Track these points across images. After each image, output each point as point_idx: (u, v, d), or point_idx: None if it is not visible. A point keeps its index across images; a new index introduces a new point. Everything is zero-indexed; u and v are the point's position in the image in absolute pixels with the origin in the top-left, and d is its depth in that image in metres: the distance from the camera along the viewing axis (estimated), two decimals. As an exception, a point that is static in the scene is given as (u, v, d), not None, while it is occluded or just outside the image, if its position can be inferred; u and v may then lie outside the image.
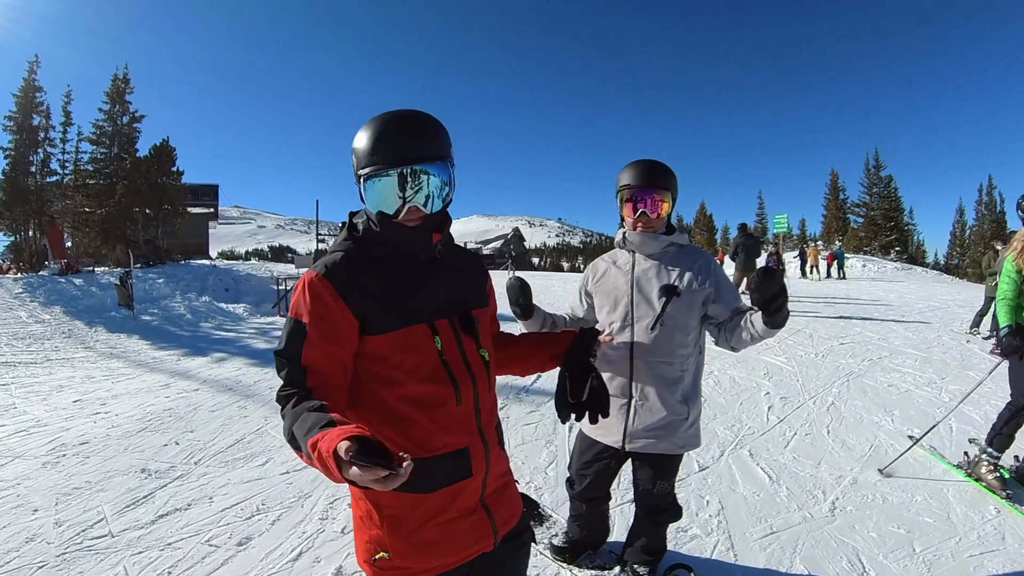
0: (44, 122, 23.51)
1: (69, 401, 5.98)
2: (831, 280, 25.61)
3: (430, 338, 1.39)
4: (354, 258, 1.40)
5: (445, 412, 1.40)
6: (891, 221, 42.80)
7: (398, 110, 1.41)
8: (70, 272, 16.96)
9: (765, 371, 6.85)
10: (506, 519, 1.56)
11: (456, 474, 1.42)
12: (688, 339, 2.34)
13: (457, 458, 1.42)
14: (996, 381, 6.67)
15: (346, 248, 1.42)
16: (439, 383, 1.39)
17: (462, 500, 1.44)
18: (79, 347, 9.25)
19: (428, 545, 1.40)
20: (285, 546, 3.02)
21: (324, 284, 1.33)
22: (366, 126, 1.38)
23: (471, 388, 1.45)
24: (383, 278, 1.39)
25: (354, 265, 1.38)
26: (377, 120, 1.38)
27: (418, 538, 1.38)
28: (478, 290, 1.61)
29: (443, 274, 1.48)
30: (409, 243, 1.42)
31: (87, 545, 3.06)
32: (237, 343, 9.88)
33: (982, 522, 3.29)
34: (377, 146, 1.35)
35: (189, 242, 29.80)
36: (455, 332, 1.45)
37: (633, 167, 2.37)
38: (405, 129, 1.37)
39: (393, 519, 1.38)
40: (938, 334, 10.02)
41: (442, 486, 1.40)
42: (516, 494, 1.66)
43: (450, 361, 1.42)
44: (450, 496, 1.42)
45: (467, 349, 1.47)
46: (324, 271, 1.35)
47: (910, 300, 16.12)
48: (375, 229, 1.42)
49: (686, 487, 3.63)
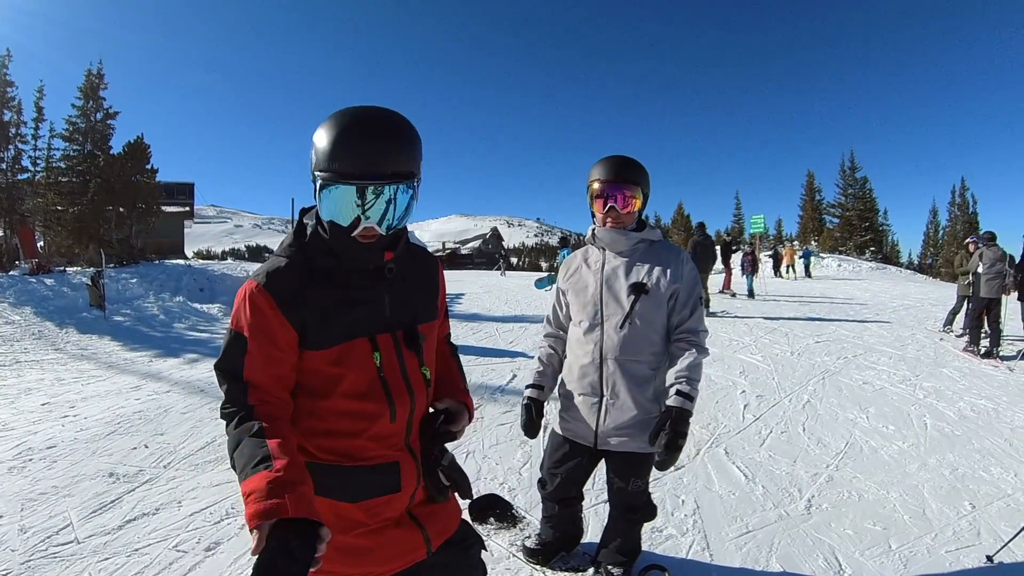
0: (15, 118, 22.89)
1: (37, 404, 5.84)
2: (795, 279, 25.93)
3: (369, 354, 1.35)
4: (297, 267, 1.33)
5: (378, 427, 1.37)
6: (866, 221, 43.37)
7: (369, 110, 1.28)
8: (41, 272, 16.59)
9: (741, 369, 6.89)
10: (441, 530, 1.52)
11: (385, 488, 1.39)
12: (658, 337, 2.33)
13: (386, 472, 1.39)
14: (969, 379, 6.79)
15: (290, 255, 1.34)
16: (374, 400, 1.35)
17: (389, 511, 1.41)
18: (49, 349, 9.05)
19: (353, 552, 1.35)
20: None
21: (264, 295, 1.27)
22: (331, 122, 1.26)
23: (407, 405, 1.41)
24: (326, 289, 1.32)
25: (296, 275, 1.31)
26: (345, 119, 1.25)
27: (343, 544, 1.33)
28: (428, 303, 1.54)
29: (391, 286, 1.41)
30: (357, 258, 1.33)
31: (52, 552, 2.97)
32: (211, 344, 9.73)
33: (957, 518, 3.32)
34: (340, 152, 1.22)
35: (164, 241, 29.35)
36: (397, 348, 1.40)
37: (603, 163, 2.35)
38: (374, 138, 1.24)
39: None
40: (912, 332, 10.18)
41: (367, 498, 1.37)
42: (453, 505, 1.62)
43: (389, 378, 1.37)
44: (378, 507, 1.39)
45: (408, 366, 1.42)
46: (265, 282, 1.29)
47: (884, 299, 16.38)
48: (324, 236, 1.33)
49: (661, 486, 3.62)
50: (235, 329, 1.29)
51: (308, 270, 1.33)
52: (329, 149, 1.23)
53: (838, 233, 43.74)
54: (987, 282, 8.55)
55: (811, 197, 48.04)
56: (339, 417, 1.34)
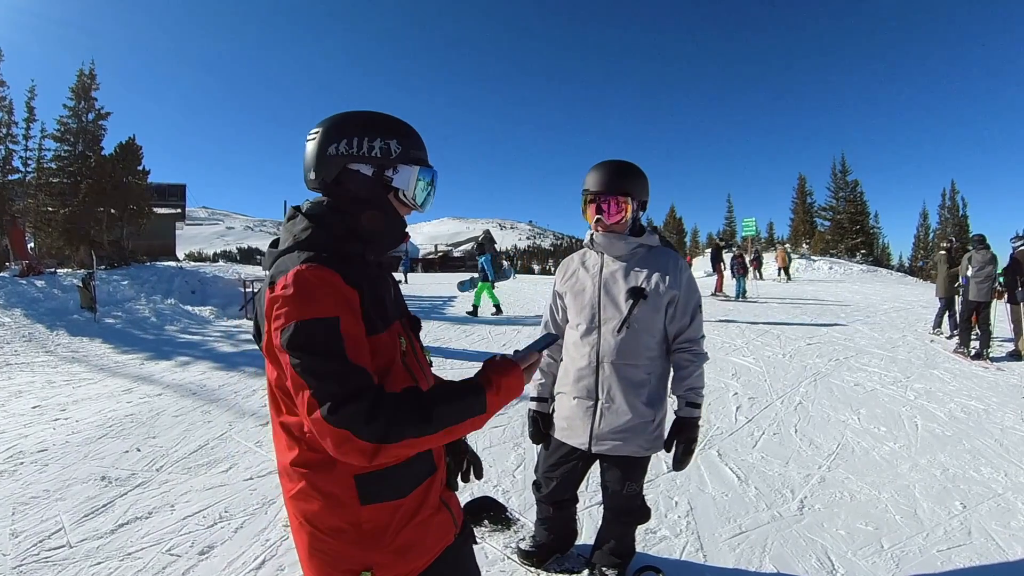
0: (6, 118, 22.70)
1: (28, 407, 5.80)
2: (786, 281, 26.07)
3: (398, 336, 1.38)
4: (334, 251, 1.28)
5: None
6: (857, 224, 43.53)
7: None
8: (32, 273, 16.48)
9: (733, 372, 6.93)
10: (457, 510, 1.55)
11: (424, 471, 1.40)
12: (655, 342, 2.34)
13: (420, 456, 1.38)
14: (959, 380, 6.83)
15: (323, 240, 1.29)
16: (402, 382, 1.35)
17: (431, 496, 1.42)
18: (39, 351, 8.98)
19: (408, 549, 1.35)
20: (248, 554, 2.94)
21: (330, 272, 1.20)
22: (395, 120, 1.43)
23: (426, 387, 1.43)
24: (362, 276, 1.29)
25: (338, 258, 1.27)
26: (401, 121, 1.44)
27: (398, 544, 1.33)
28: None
29: (390, 276, 1.51)
30: (390, 239, 1.43)
31: (44, 556, 2.95)
32: (202, 346, 9.69)
33: (948, 517, 3.35)
34: (418, 142, 1.45)
35: (155, 243, 29.21)
36: (406, 332, 1.45)
37: (596, 170, 2.36)
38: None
39: (373, 532, 1.30)
40: (903, 334, 10.23)
41: (415, 487, 1.37)
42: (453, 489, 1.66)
43: (410, 361, 1.41)
44: (422, 495, 1.39)
45: (417, 350, 1.49)
46: (323, 260, 1.22)
47: (875, 301, 16.46)
48: (343, 225, 1.34)
49: (655, 488, 3.63)
50: (313, 317, 1.16)
51: (343, 254, 1.30)
52: (413, 139, 1.44)
53: (829, 236, 43.90)
54: (976, 285, 8.62)
55: (802, 200, 48.18)
56: None
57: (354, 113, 1.41)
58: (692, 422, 2.32)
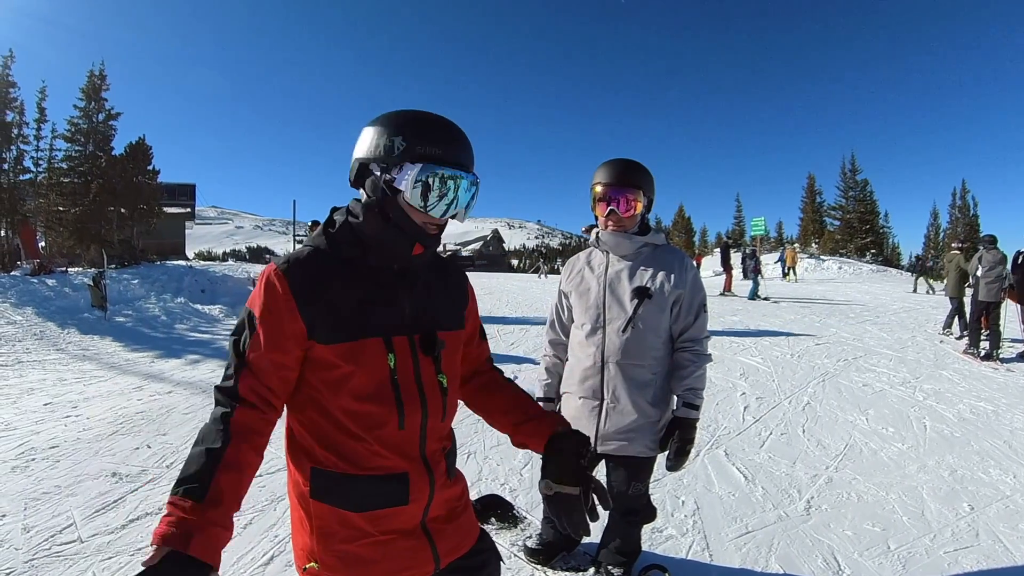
0: (18, 118, 22.87)
1: (40, 404, 5.85)
2: (795, 281, 25.95)
3: (383, 354, 1.31)
4: (321, 257, 1.32)
5: (384, 433, 1.32)
6: (867, 224, 43.25)
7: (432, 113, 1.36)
8: (43, 272, 16.60)
9: (741, 371, 6.90)
10: (453, 547, 1.45)
11: (391, 499, 1.34)
12: (660, 342, 2.35)
13: (393, 482, 1.34)
14: (968, 381, 6.79)
15: (317, 244, 1.34)
16: (381, 403, 1.31)
17: (397, 523, 1.36)
18: (51, 349, 9.05)
19: (357, 560, 1.31)
20: (257, 550, 2.96)
21: (281, 281, 1.26)
22: (411, 115, 1.33)
23: (419, 412, 1.36)
24: (346, 284, 1.31)
25: (318, 266, 1.30)
26: (426, 114, 1.34)
27: (345, 552, 1.31)
28: (452, 311, 1.50)
29: (414, 288, 1.39)
30: (392, 247, 1.34)
31: (55, 551, 2.98)
32: (212, 345, 9.75)
33: (956, 519, 3.34)
34: (433, 138, 1.29)
35: (165, 242, 29.38)
36: (413, 352, 1.36)
37: (606, 166, 2.37)
38: (457, 132, 1.35)
39: (321, 530, 1.31)
40: (912, 335, 10.18)
41: (372, 508, 1.32)
42: (470, 522, 1.55)
43: (401, 382, 1.33)
44: (382, 518, 1.33)
45: (423, 371, 1.37)
46: (285, 268, 1.28)
47: (885, 301, 16.38)
48: (355, 223, 1.34)
49: (661, 487, 3.63)
50: (249, 308, 1.29)
51: (334, 260, 1.32)
52: (428, 136, 1.30)
53: (839, 235, 43.66)
54: (986, 285, 8.57)
55: (812, 199, 47.89)
56: (345, 417, 1.30)
57: (391, 111, 1.35)
58: (688, 423, 2.31)
